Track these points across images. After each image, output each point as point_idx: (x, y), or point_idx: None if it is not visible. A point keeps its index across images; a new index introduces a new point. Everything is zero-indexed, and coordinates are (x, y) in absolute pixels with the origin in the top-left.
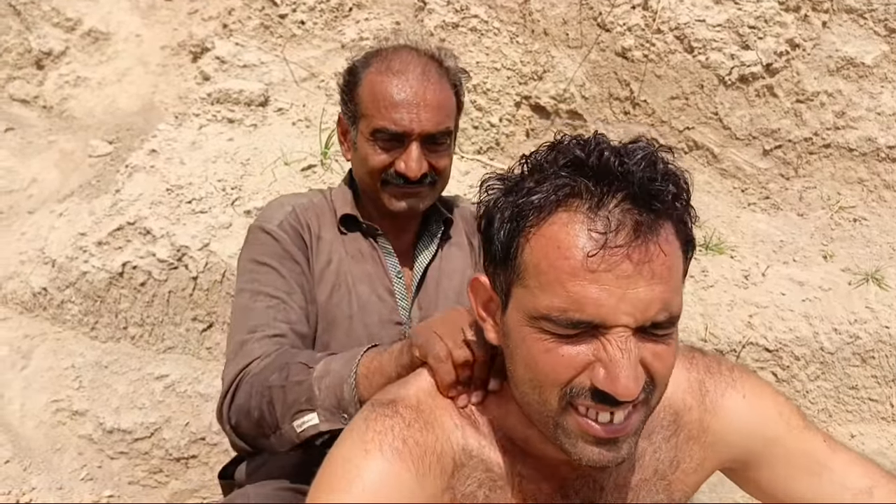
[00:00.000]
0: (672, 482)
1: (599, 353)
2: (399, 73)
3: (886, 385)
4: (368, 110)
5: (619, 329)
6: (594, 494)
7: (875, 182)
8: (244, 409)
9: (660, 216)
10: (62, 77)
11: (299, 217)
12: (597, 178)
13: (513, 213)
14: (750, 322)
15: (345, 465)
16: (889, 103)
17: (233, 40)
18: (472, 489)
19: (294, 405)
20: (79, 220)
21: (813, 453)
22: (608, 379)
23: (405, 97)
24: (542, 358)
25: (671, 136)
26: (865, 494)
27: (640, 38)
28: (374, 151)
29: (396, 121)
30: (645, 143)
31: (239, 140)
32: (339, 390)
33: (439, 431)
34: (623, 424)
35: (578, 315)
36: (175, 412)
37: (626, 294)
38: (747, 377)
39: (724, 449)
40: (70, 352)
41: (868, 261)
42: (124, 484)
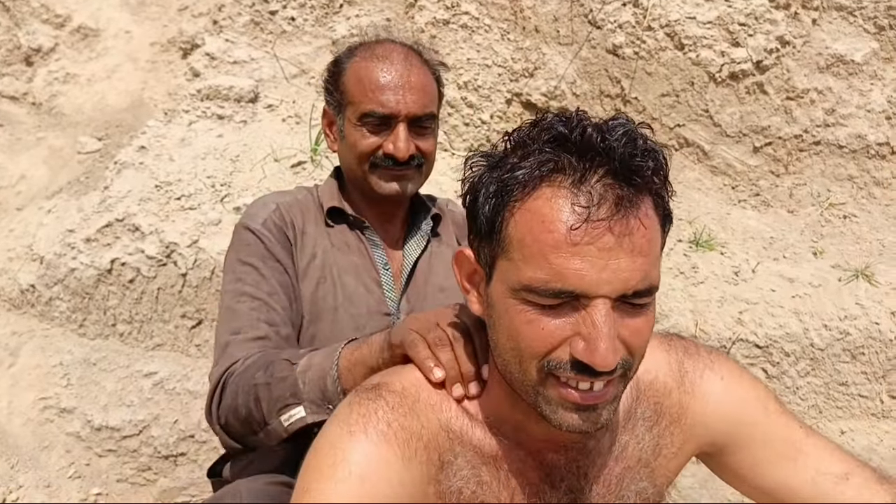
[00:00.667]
0: (655, 469)
1: (579, 327)
2: (383, 58)
3: (876, 381)
4: (355, 96)
5: (599, 300)
6: (579, 482)
7: (865, 179)
8: (231, 408)
9: (640, 190)
10: (51, 74)
11: (283, 215)
12: (579, 154)
13: (497, 189)
14: (740, 318)
15: (331, 449)
16: (879, 100)
17: (223, 37)
18: (458, 485)
19: (280, 400)
20: (67, 216)
21: (790, 438)
22: (587, 350)
23: (391, 80)
24: (524, 329)
25: (662, 133)
26: (841, 480)
27: (631, 36)
28: (363, 135)
29: (384, 103)
30: (624, 119)
31: (228, 136)
32: (322, 383)
33: (424, 419)
34: (602, 391)
35: (560, 285)
36: (164, 409)
37: (608, 265)
38: (725, 360)
39: (703, 431)
40: (58, 349)
41: (858, 257)
42: (112, 482)
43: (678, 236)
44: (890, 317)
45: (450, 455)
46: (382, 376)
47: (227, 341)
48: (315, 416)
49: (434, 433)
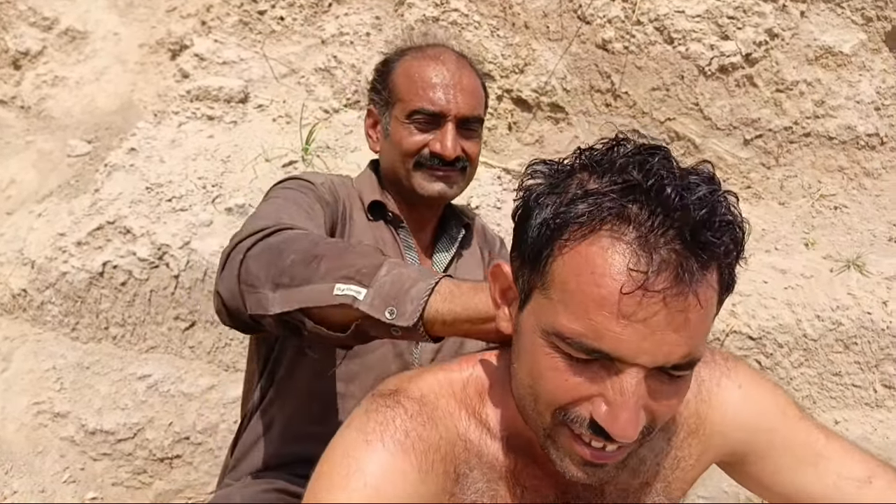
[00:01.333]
0: (671, 482)
1: (605, 390)
2: (435, 58)
3: (869, 371)
4: (405, 94)
5: (633, 369)
6: (596, 499)
7: (855, 170)
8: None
9: (707, 265)
10: (39, 77)
11: (337, 188)
12: (651, 209)
13: (553, 217)
14: (733, 310)
15: (345, 458)
16: (867, 91)
17: (212, 37)
18: (473, 498)
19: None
20: (58, 220)
21: (810, 443)
22: (609, 417)
23: (443, 79)
24: (547, 374)
25: (652, 127)
26: (864, 483)
27: (621, 30)
28: (410, 133)
29: (434, 101)
30: (708, 174)
31: (219, 137)
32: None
33: (442, 429)
34: (614, 454)
35: (596, 344)
36: (158, 412)
37: (652, 337)
38: (742, 366)
39: (721, 441)
40: (51, 353)
41: (849, 248)
42: (108, 485)
43: None
44: (882, 306)
45: (465, 468)
46: (401, 380)
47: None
48: (368, 308)
49: (451, 444)
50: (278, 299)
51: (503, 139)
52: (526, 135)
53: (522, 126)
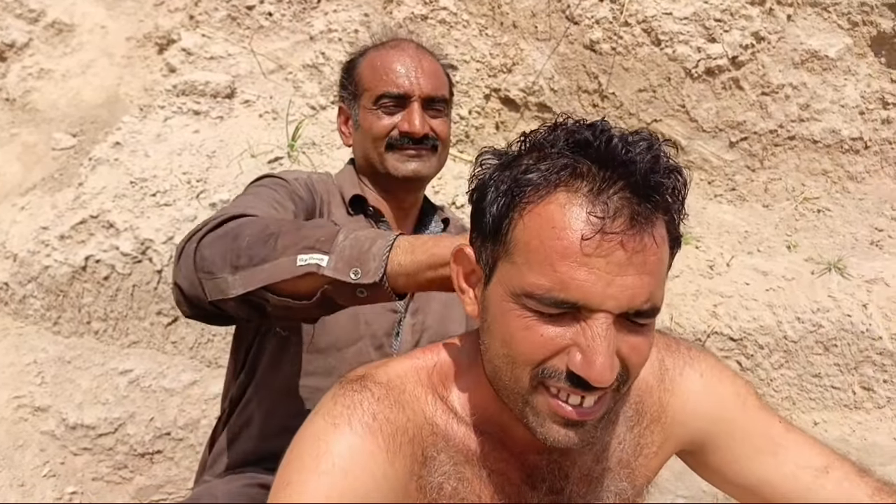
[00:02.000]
0: (635, 469)
1: (578, 338)
2: (395, 47)
3: (848, 373)
4: (370, 83)
5: (601, 314)
6: (559, 483)
7: (839, 173)
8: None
9: (656, 209)
10: (25, 69)
11: (314, 184)
12: (600, 163)
13: (509, 188)
14: (715, 311)
15: (314, 441)
16: (852, 95)
17: (199, 32)
18: (440, 481)
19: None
20: (41, 213)
21: (769, 433)
22: (584, 364)
23: (404, 64)
24: (520, 335)
25: (639, 128)
26: (822, 473)
27: (608, 31)
28: (378, 117)
29: (398, 84)
30: (647, 134)
31: (205, 132)
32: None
33: (410, 412)
34: (592, 408)
35: (563, 295)
36: (140, 407)
37: (615, 281)
38: (705, 357)
39: (682, 430)
40: (32, 347)
41: (831, 250)
42: (88, 480)
43: None
44: (862, 309)
45: (433, 450)
46: (369, 367)
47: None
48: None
49: (419, 427)
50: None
51: (491, 138)
52: (513, 134)
53: (510, 125)
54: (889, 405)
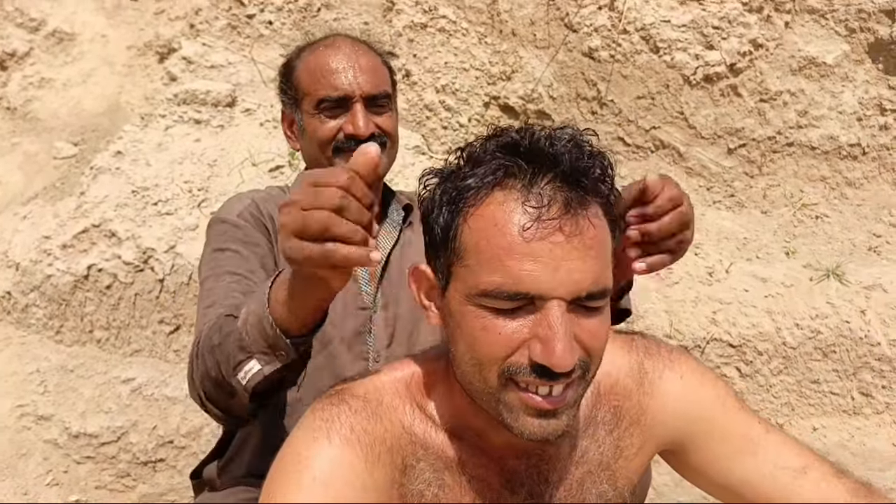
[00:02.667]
0: (616, 471)
1: (536, 329)
2: (330, 46)
3: (847, 379)
4: (308, 87)
5: (554, 302)
6: (539, 488)
7: (837, 179)
8: (203, 374)
9: (587, 193)
10: (26, 78)
11: (260, 207)
12: (528, 159)
13: (451, 198)
14: (714, 318)
15: (294, 456)
16: (850, 102)
17: (200, 40)
18: (420, 488)
19: (232, 358)
20: (43, 222)
21: (748, 434)
22: (545, 352)
23: (340, 63)
24: (481, 335)
25: (637, 135)
26: (800, 474)
27: (607, 39)
28: (321, 122)
29: (337, 85)
30: (571, 128)
31: (206, 141)
32: (261, 329)
33: (387, 423)
34: (562, 395)
35: (515, 288)
36: (142, 416)
37: (561, 266)
38: (686, 359)
39: (662, 430)
40: (35, 356)
41: (829, 257)
42: (91, 489)
43: None
44: (860, 315)
45: (412, 459)
46: (346, 384)
47: (203, 314)
48: (270, 367)
49: (397, 437)
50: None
51: None
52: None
53: None
54: (888, 411)
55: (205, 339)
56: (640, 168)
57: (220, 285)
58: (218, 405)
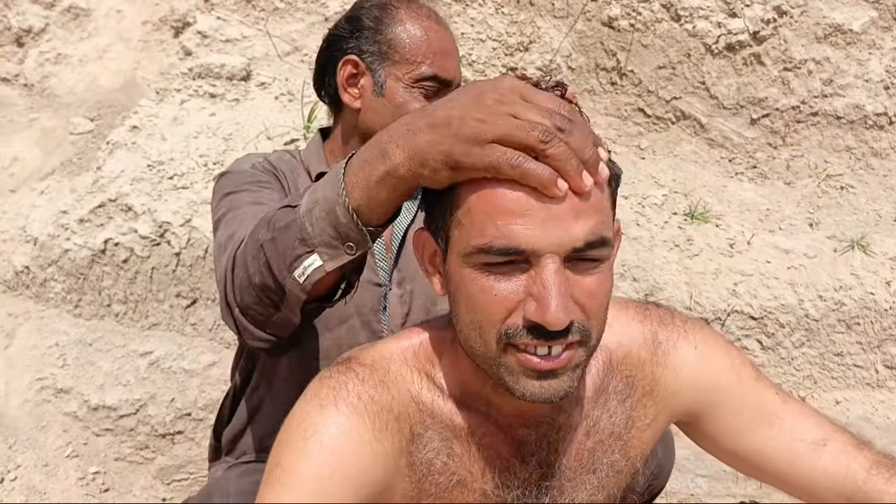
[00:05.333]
0: (627, 441)
1: (531, 287)
2: (436, 21)
3: (871, 351)
4: (414, 54)
5: (547, 258)
6: (549, 457)
7: (863, 150)
8: (245, 283)
9: None
10: (42, 55)
11: (273, 164)
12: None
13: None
14: (735, 290)
15: (301, 423)
16: (877, 70)
17: (214, 14)
18: (429, 457)
19: (289, 252)
20: (60, 197)
21: (765, 404)
22: (539, 310)
23: (451, 46)
24: (479, 297)
25: (658, 106)
26: (818, 446)
27: (627, 8)
28: (416, 99)
29: (448, 69)
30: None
31: (221, 115)
32: (332, 217)
33: (395, 391)
34: (561, 356)
35: (507, 243)
36: (160, 388)
37: (553, 219)
38: (700, 329)
39: (676, 401)
40: (54, 330)
41: (854, 228)
42: (110, 460)
43: (673, 209)
44: (885, 287)
45: (420, 427)
46: (353, 351)
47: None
48: (334, 262)
49: (405, 405)
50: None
51: None
52: None
53: None
54: None
55: (249, 241)
56: (661, 139)
57: (246, 212)
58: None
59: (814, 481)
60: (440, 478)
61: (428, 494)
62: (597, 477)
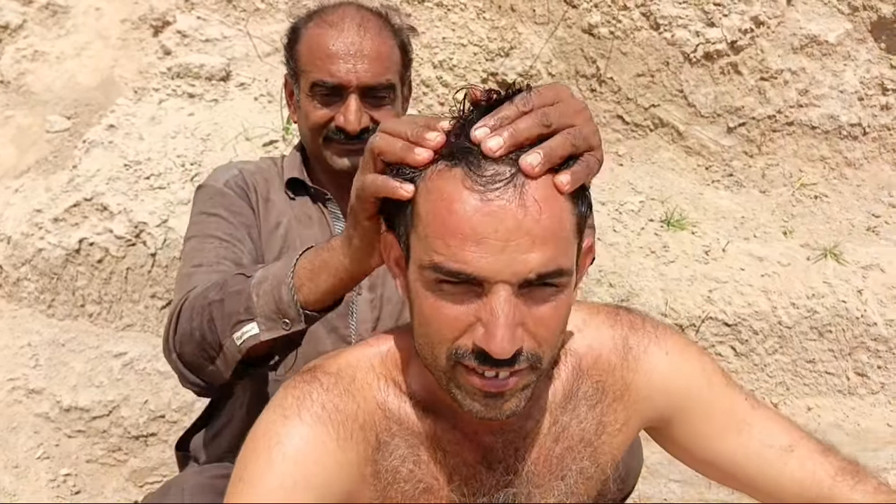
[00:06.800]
0: (598, 447)
1: (480, 313)
2: (335, 24)
3: (842, 358)
4: (307, 65)
5: (499, 286)
6: (516, 464)
7: (837, 160)
8: (187, 333)
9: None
10: (19, 51)
11: (246, 179)
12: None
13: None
14: (709, 297)
15: (265, 434)
16: (851, 81)
17: (194, 14)
18: (395, 464)
19: (233, 316)
20: (35, 196)
21: (735, 410)
22: (486, 338)
23: (341, 48)
24: (431, 315)
25: (637, 113)
26: (786, 451)
27: (607, 15)
28: (314, 107)
29: (332, 72)
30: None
31: (199, 115)
32: (276, 293)
33: (360, 400)
34: (506, 381)
35: (459, 268)
36: (133, 390)
37: (507, 248)
38: (671, 334)
39: (647, 406)
40: (26, 330)
41: (827, 236)
42: (82, 462)
43: (650, 216)
44: (857, 295)
45: (386, 435)
46: (319, 360)
47: (189, 273)
48: (269, 333)
49: (370, 413)
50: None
51: None
52: None
53: None
54: (883, 391)
55: (198, 296)
56: (639, 146)
57: (207, 247)
58: (193, 368)
59: (781, 487)
60: (406, 486)
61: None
62: (566, 483)
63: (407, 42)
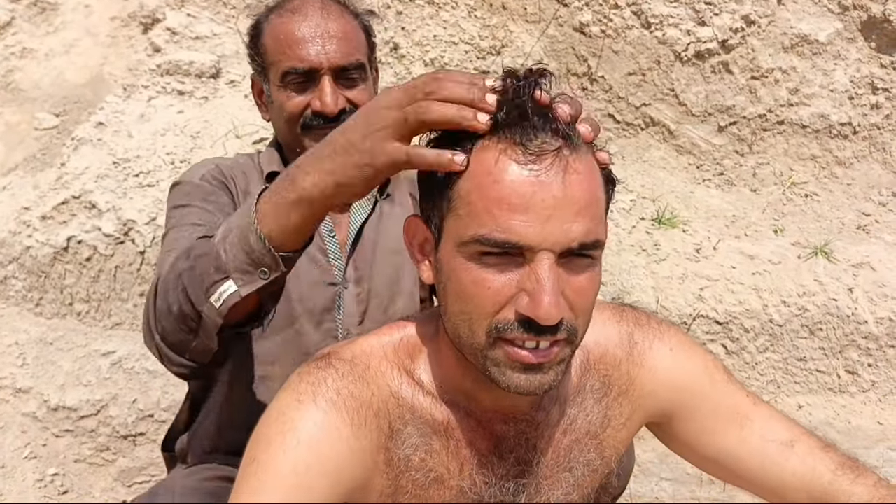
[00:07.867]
0: (603, 440)
1: (524, 282)
2: (297, 10)
3: (833, 356)
4: (274, 56)
5: (543, 254)
6: (527, 454)
7: (827, 158)
8: (164, 310)
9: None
10: (8, 48)
11: (223, 171)
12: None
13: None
14: (701, 295)
15: (279, 418)
16: (842, 80)
17: (184, 11)
18: (407, 453)
19: (205, 279)
20: (23, 193)
21: (737, 406)
22: (531, 305)
23: (307, 32)
24: (472, 289)
25: (628, 112)
26: (787, 447)
27: (598, 14)
28: (288, 97)
29: (303, 57)
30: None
31: (189, 112)
32: (245, 244)
33: (374, 387)
34: (548, 351)
35: (505, 237)
36: (122, 389)
37: (551, 217)
38: (674, 332)
39: (650, 401)
40: (13, 328)
41: (818, 235)
42: (70, 462)
43: (641, 214)
44: (847, 293)
45: (400, 423)
46: (334, 347)
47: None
48: (248, 287)
49: (384, 401)
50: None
51: None
52: None
53: None
54: (873, 389)
55: (169, 270)
56: (630, 145)
57: (183, 234)
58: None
59: (782, 482)
60: (417, 474)
61: (404, 491)
62: (573, 475)
63: (369, 25)
